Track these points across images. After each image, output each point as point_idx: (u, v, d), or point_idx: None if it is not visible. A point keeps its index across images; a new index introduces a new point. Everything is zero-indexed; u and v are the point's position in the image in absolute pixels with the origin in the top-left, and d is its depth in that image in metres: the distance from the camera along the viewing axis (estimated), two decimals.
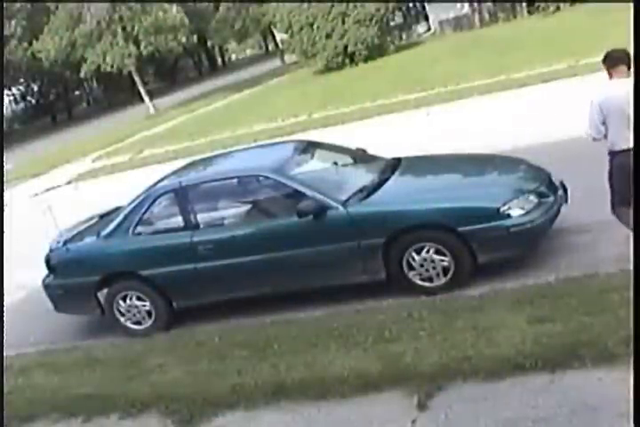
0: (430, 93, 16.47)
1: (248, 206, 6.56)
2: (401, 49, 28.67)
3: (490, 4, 30.44)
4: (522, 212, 5.70)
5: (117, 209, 7.34)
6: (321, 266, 6.11)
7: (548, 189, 6.08)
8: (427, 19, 35.17)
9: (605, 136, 5.38)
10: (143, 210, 6.66)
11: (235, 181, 6.76)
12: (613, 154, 5.38)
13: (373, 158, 7.12)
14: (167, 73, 61.30)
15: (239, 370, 5.09)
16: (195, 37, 37.63)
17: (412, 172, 6.79)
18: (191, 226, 6.45)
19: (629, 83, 5.18)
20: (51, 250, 7.13)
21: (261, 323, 6.06)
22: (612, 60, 5.44)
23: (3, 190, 17.57)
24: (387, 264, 5.88)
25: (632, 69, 5.25)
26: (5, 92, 48.68)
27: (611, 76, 5.44)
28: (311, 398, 4.48)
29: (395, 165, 6.74)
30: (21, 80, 50.78)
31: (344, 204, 5.95)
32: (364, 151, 7.30)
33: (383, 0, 27.91)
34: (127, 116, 35.25)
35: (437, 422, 3.97)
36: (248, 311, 6.46)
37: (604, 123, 5.35)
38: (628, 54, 5.39)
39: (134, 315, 6.79)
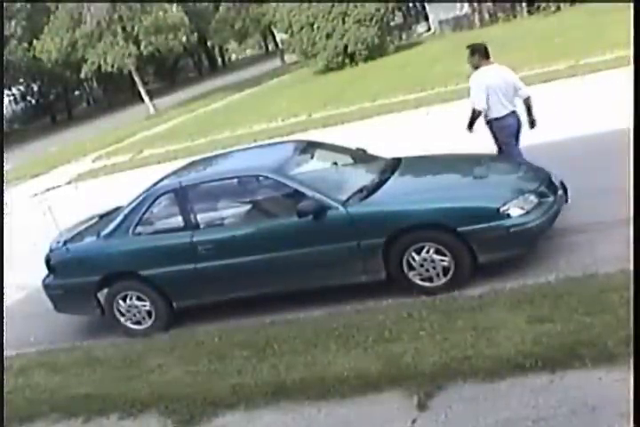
0: (430, 93, 16.46)
1: (248, 206, 6.55)
2: (401, 49, 28.69)
3: (490, 4, 30.44)
4: (522, 212, 5.70)
5: (117, 209, 7.34)
6: (321, 266, 6.10)
7: (548, 189, 6.08)
8: (427, 19, 35.20)
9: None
10: (143, 210, 6.66)
11: (235, 181, 6.75)
12: (494, 119, 7.28)
13: (373, 158, 7.12)
14: (167, 73, 61.26)
15: (239, 370, 5.09)
16: (195, 37, 37.62)
17: (411, 172, 6.79)
18: (191, 226, 6.45)
19: (497, 68, 7.35)
20: (51, 250, 7.13)
21: (261, 323, 6.06)
22: (482, 53, 7.31)
23: (3, 190, 17.58)
24: (387, 264, 5.88)
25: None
26: (5, 92, 48.64)
27: (478, 66, 7.27)
28: (311, 398, 4.48)
29: (395, 165, 6.74)
30: (21, 80, 50.69)
31: (344, 204, 5.95)
32: (364, 151, 7.30)
33: (383, 0, 27.91)
34: (127, 116, 35.23)
35: (437, 422, 3.97)
36: (248, 311, 6.46)
37: (487, 99, 7.16)
38: (484, 45, 7.46)
39: (134, 315, 6.79)
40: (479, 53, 7.33)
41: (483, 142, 9.21)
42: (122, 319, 6.84)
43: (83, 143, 26.75)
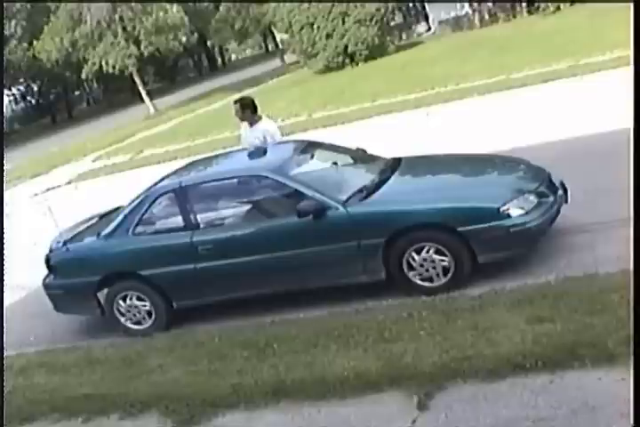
0: (430, 93, 16.45)
1: (248, 206, 6.56)
2: (401, 49, 28.66)
3: (490, 4, 30.41)
4: (522, 212, 5.71)
5: (117, 209, 7.35)
6: (321, 266, 6.11)
7: (548, 189, 6.08)
8: (427, 19, 35.16)
9: None
10: (143, 210, 6.66)
11: (235, 181, 6.75)
12: None
13: (373, 158, 7.12)
14: (167, 73, 61.25)
15: (239, 370, 5.09)
16: (195, 37, 37.61)
17: (412, 172, 6.79)
18: (191, 226, 6.45)
19: (268, 119, 7.80)
20: (51, 250, 7.13)
21: (261, 323, 6.06)
22: (254, 108, 7.49)
23: (3, 190, 17.57)
24: (387, 264, 5.88)
25: None
26: (5, 92, 48.60)
27: (254, 122, 7.47)
28: (311, 398, 4.48)
29: (395, 165, 6.74)
30: (21, 80, 50.67)
31: (344, 204, 5.95)
32: (364, 151, 7.30)
33: (383, 0, 27.89)
34: (127, 116, 35.21)
35: (437, 422, 3.97)
36: (248, 311, 6.46)
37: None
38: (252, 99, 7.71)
39: (134, 315, 6.79)
40: (251, 109, 7.48)
41: (482, 143, 9.21)
42: (122, 319, 6.84)
43: (83, 143, 26.72)
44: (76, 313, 7.36)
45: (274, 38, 48.12)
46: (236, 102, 7.74)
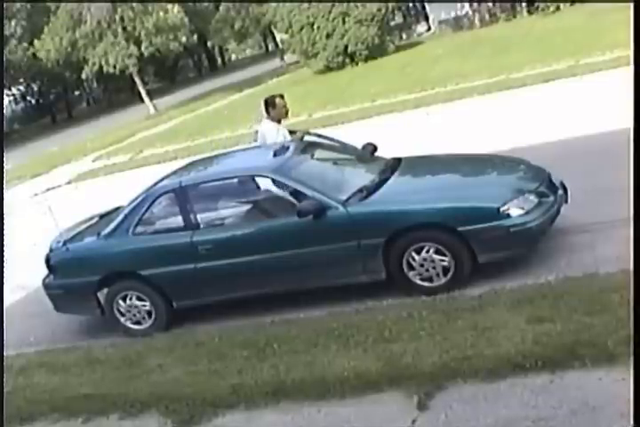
0: (430, 93, 16.46)
1: (248, 206, 6.56)
2: (401, 49, 28.65)
3: (490, 4, 30.39)
4: (522, 212, 5.71)
5: (117, 209, 7.35)
6: (321, 266, 6.10)
7: (548, 189, 6.08)
8: (427, 19, 35.16)
9: None
10: (143, 210, 6.66)
11: (235, 181, 6.76)
12: None
13: (373, 158, 7.12)
14: (167, 73, 61.21)
15: (239, 370, 5.09)
16: (195, 37, 37.60)
17: (412, 172, 6.80)
18: (191, 226, 6.45)
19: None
20: (51, 250, 7.13)
21: (261, 323, 6.06)
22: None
23: (3, 190, 17.56)
24: (387, 264, 5.88)
25: None
26: (5, 92, 48.56)
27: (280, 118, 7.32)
28: (311, 398, 4.49)
29: (395, 165, 6.74)
30: (21, 80, 50.62)
31: (344, 204, 5.95)
32: (374, 146, 7.22)
33: (383, 0, 27.89)
34: (127, 116, 35.19)
35: (437, 422, 3.97)
36: (248, 311, 6.46)
37: None
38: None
39: (134, 315, 6.79)
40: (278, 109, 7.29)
41: (482, 143, 9.21)
42: (122, 319, 6.84)
43: (83, 143, 26.69)
44: (76, 313, 7.36)
45: (274, 38, 48.12)
46: (282, 97, 7.37)
